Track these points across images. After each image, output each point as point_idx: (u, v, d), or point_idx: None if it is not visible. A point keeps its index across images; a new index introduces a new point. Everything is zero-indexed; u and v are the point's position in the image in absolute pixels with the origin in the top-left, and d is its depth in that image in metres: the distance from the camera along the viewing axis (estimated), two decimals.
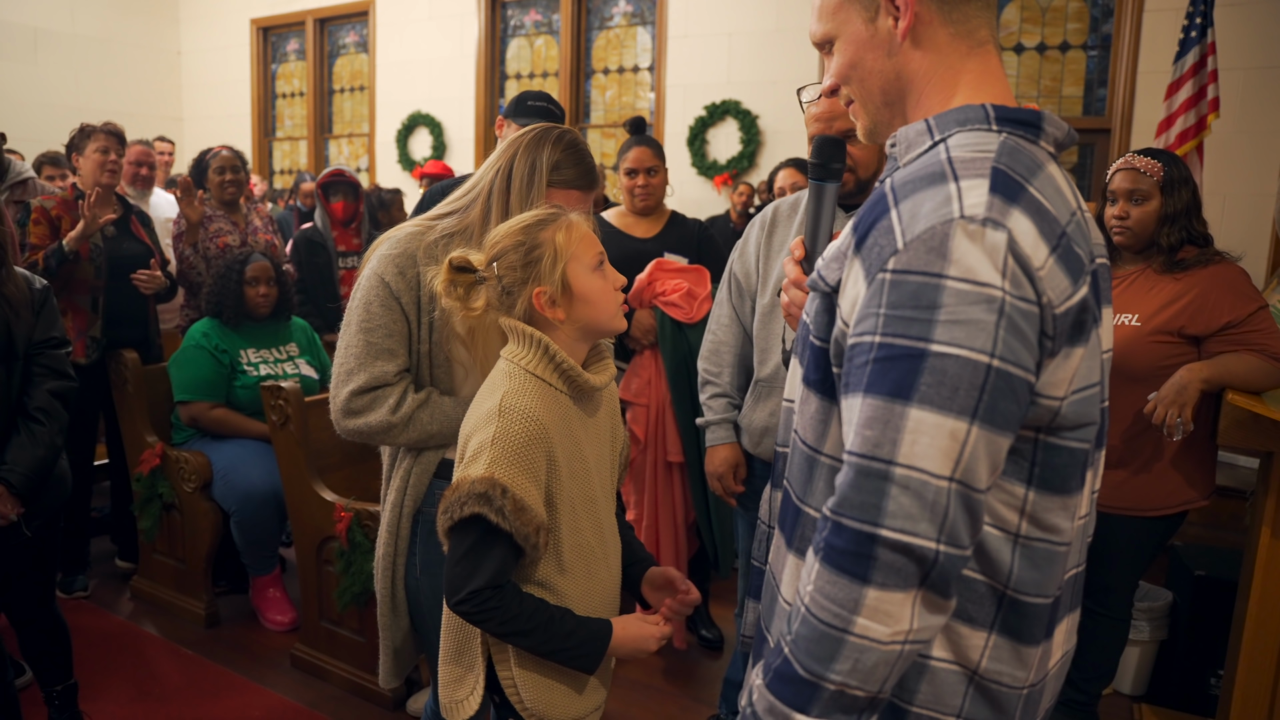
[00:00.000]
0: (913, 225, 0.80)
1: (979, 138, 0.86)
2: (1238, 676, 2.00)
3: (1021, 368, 0.78)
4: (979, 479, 0.78)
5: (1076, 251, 0.81)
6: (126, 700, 2.48)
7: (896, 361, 0.78)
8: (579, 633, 1.22)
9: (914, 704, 0.88)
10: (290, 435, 2.59)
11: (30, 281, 2.09)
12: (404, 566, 1.52)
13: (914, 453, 0.76)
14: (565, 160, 1.47)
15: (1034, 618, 0.87)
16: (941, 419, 0.76)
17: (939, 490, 0.76)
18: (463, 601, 1.17)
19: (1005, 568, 0.86)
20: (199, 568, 2.94)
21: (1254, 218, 4.37)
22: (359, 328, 1.45)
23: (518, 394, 1.19)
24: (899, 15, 0.91)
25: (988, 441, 0.77)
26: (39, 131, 5.88)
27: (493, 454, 1.15)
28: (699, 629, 2.88)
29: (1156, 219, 2.08)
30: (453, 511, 1.15)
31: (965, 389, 0.76)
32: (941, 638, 0.87)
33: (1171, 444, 2.06)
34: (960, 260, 0.77)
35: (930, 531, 0.76)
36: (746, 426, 1.98)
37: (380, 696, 2.51)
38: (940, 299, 0.77)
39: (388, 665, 1.60)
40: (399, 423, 1.44)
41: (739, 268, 2.03)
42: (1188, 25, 3.80)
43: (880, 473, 0.77)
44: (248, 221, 3.51)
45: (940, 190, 0.80)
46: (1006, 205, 0.79)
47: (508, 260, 1.23)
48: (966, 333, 0.76)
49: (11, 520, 1.97)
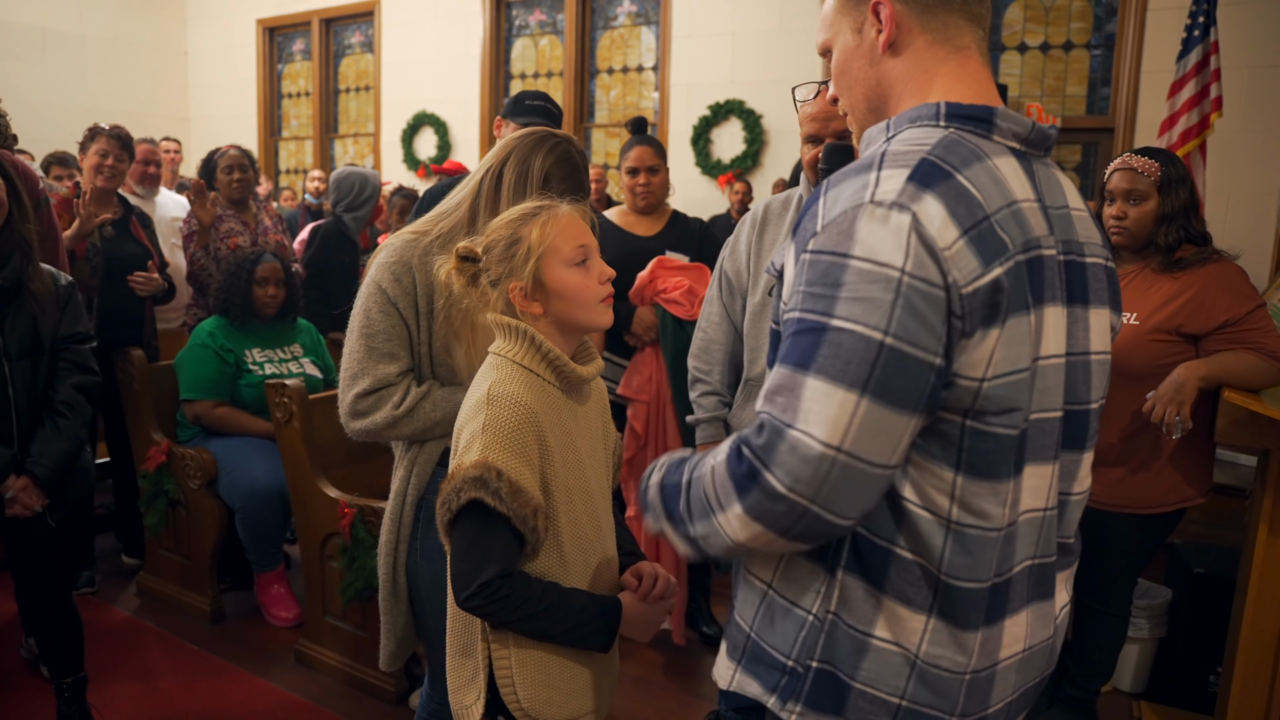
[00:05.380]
0: (831, 210, 0.85)
1: (923, 133, 0.90)
2: (1236, 673, 2.01)
3: (918, 347, 0.81)
4: (870, 452, 0.81)
5: (1000, 235, 0.84)
6: (132, 694, 2.51)
7: (804, 335, 0.83)
8: (591, 607, 1.21)
9: (856, 680, 0.92)
10: (294, 432, 2.61)
11: (56, 278, 2.13)
12: (405, 553, 1.57)
13: (808, 419, 0.81)
14: (556, 172, 1.49)
15: (968, 603, 0.90)
16: (832, 389, 0.81)
17: (821, 456, 0.80)
18: (473, 595, 1.15)
19: (937, 551, 0.89)
20: (204, 564, 2.97)
21: (1257, 217, 4.37)
22: (360, 333, 1.52)
23: (505, 382, 1.20)
24: (881, 27, 0.95)
25: (879, 416, 0.80)
26: (47, 132, 5.92)
27: (484, 440, 1.15)
28: (700, 625, 2.90)
29: (1154, 219, 2.08)
30: (450, 501, 1.16)
31: (857, 363, 0.80)
32: (883, 619, 0.91)
33: (1169, 442, 2.07)
34: (864, 241, 0.82)
35: (806, 491, 0.81)
36: (736, 425, 1.99)
37: (384, 691, 2.53)
38: (844, 277, 0.82)
39: (389, 649, 1.64)
40: (403, 415, 1.49)
41: (730, 266, 2.03)
42: (1191, 24, 3.80)
43: (777, 430, 0.82)
44: (258, 221, 3.54)
45: (861, 179, 0.86)
46: (919, 191, 0.83)
47: (494, 253, 1.25)
48: (864, 309, 0.81)
49: (37, 511, 2.02)
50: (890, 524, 0.90)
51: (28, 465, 2.01)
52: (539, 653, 1.22)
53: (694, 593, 2.90)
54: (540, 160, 1.48)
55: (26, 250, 2.03)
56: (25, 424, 2.05)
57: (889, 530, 0.90)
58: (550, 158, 1.49)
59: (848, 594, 0.92)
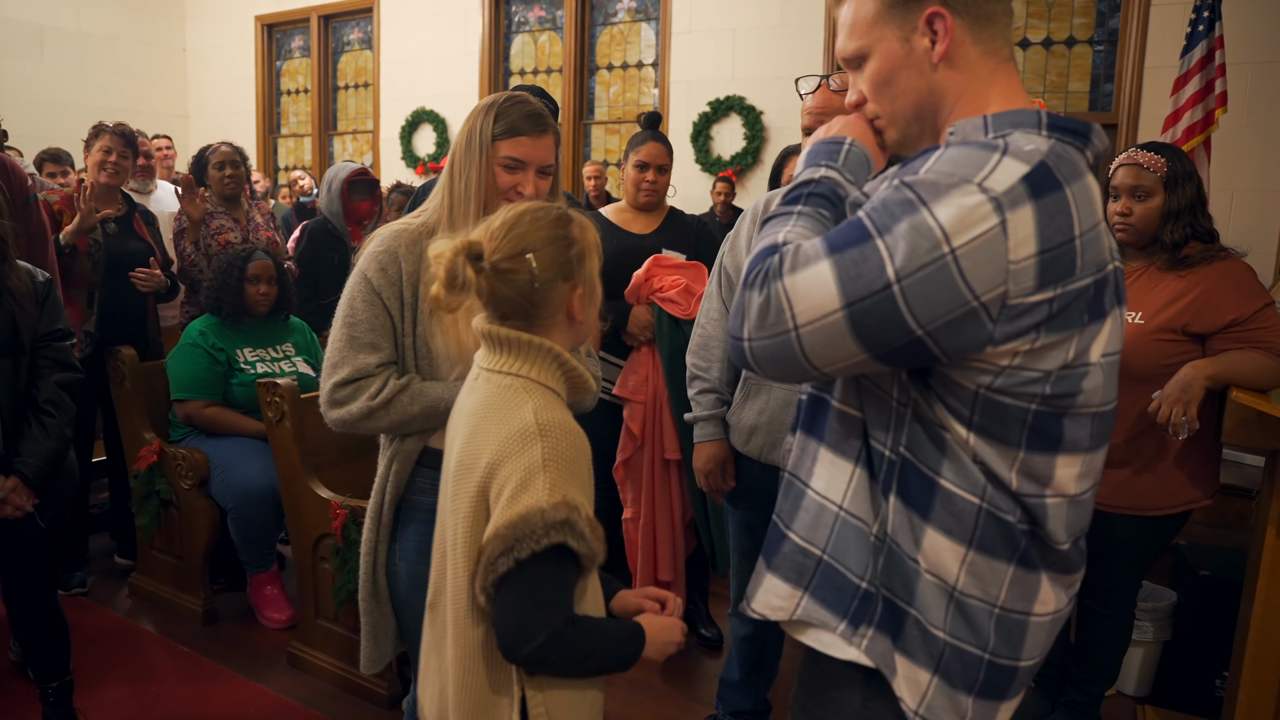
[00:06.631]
0: (942, 165, 0.88)
1: (1029, 137, 0.91)
2: (1243, 679, 1.97)
3: (913, 316, 0.85)
4: (814, 352, 0.88)
5: (1074, 260, 0.87)
6: (122, 697, 2.48)
7: (852, 229, 0.88)
8: (622, 634, 1.14)
9: (913, 606, 0.96)
10: (286, 432, 2.57)
11: (33, 274, 2.11)
12: (385, 553, 1.54)
13: (794, 288, 0.88)
14: (505, 110, 1.48)
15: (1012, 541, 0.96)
16: (834, 288, 0.86)
17: (783, 327, 0.89)
18: (541, 646, 1.03)
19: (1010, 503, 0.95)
20: (196, 565, 2.94)
21: (1262, 213, 4.33)
22: (343, 323, 1.51)
23: (547, 409, 1.09)
24: (936, 38, 0.96)
25: (838, 333, 0.87)
26: (45, 129, 5.89)
27: (551, 476, 1.04)
28: (698, 628, 2.86)
29: (1160, 215, 2.04)
30: (523, 548, 1.02)
31: (863, 283, 0.86)
32: (926, 547, 0.96)
33: (1175, 443, 2.03)
34: (947, 207, 0.85)
35: (752, 330, 0.91)
36: (735, 424, 1.95)
37: (376, 695, 2.50)
38: (910, 217, 0.85)
39: (368, 651, 1.61)
40: (378, 406, 1.47)
41: (730, 261, 1.99)
42: (1195, 19, 3.75)
43: (776, 273, 0.90)
44: (249, 218, 3.51)
45: (985, 153, 0.87)
46: (1025, 196, 0.85)
47: (549, 254, 1.11)
48: (902, 251, 0.85)
49: (27, 511, 1.99)
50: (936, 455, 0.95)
51: (16, 465, 1.99)
52: (568, 690, 1.14)
53: (692, 595, 2.87)
54: (485, 115, 1.48)
55: (2, 248, 1.99)
56: (8, 423, 2.02)
57: (934, 460, 0.95)
58: (495, 107, 1.49)
59: (899, 520, 0.96)
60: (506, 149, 1.48)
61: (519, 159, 1.48)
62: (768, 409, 1.85)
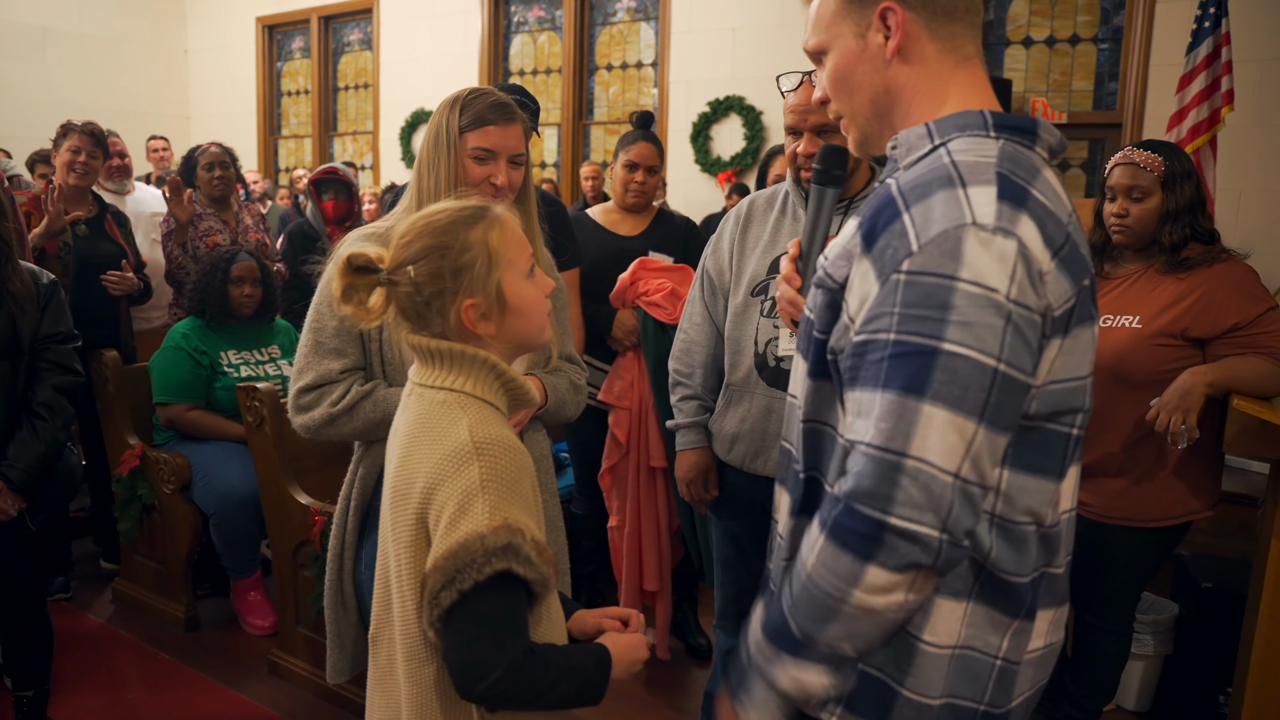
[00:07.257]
0: (926, 229, 0.83)
1: (978, 143, 0.89)
2: (1247, 695, 1.90)
3: (1022, 371, 0.83)
4: (983, 477, 0.83)
5: (1080, 253, 0.86)
6: (97, 706, 2.43)
7: (910, 358, 0.82)
8: (586, 661, 1.06)
9: (904, 687, 0.92)
10: (266, 437, 2.53)
11: (37, 276, 2.10)
12: (352, 561, 1.52)
13: (925, 446, 0.80)
14: (469, 103, 1.48)
15: (1009, 592, 0.92)
16: (952, 416, 0.80)
17: (945, 485, 0.80)
18: (498, 682, 0.95)
19: (986, 544, 0.90)
20: (179, 570, 2.90)
21: (1269, 213, 4.25)
22: (309, 328, 1.50)
23: (484, 425, 1.01)
24: (889, 33, 0.94)
25: (990, 441, 0.82)
26: (47, 130, 5.84)
27: (490, 499, 0.96)
28: (688, 637, 2.80)
29: (1158, 216, 1.97)
30: (465, 579, 0.94)
31: (974, 389, 0.80)
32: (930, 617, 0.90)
33: (1175, 452, 1.96)
34: (971, 264, 0.81)
35: (934, 522, 0.81)
36: (717, 432, 1.89)
37: (356, 705, 2.44)
38: (953, 300, 0.81)
39: (334, 660, 1.58)
40: (340, 413, 1.46)
41: (712, 264, 1.93)
42: (1201, 16, 3.67)
43: (893, 464, 0.81)
44: (238, 220, 3.47)
45: (950, 195, 0.84)
46: (1015, 212, 0.83)
47: (428, 266, 1.02)
48: (976, 335, 0.80)
49: (11, 516, 1.97)
50: None
51: (2, 468, 1.97)
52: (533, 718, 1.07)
53: (680, 604, 2.81)
54: (450, 110, 1.48)
55: (5, 250, 1.99)
56: (3, 426, 2.00)
57: None
58: (460, 102, 1.48)
59: None
60: (475, 140, 1.47)
61: (488, 149, 1.47)
62: (750, 417, 1.79)
